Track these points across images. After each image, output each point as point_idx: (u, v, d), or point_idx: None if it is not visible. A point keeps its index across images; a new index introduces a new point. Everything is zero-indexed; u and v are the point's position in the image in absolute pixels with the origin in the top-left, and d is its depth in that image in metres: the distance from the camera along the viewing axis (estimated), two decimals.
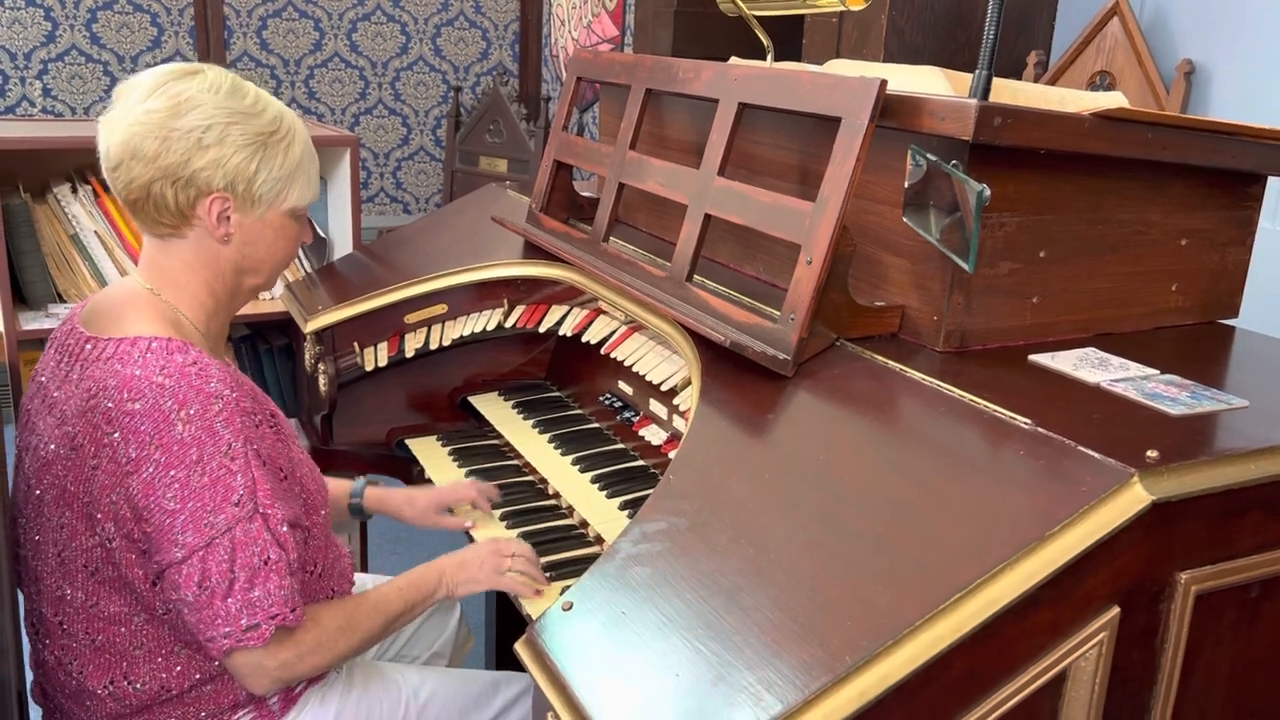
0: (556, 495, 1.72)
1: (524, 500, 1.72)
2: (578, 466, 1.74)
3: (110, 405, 1.16)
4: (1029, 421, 1.02)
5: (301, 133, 1.31)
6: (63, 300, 2.19)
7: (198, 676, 1.27)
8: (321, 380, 1.98)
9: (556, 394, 2.07)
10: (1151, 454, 0.93)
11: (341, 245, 2.41)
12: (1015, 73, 3.09)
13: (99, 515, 1.19)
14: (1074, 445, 0.97)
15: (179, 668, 1.26)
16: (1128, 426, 1.02)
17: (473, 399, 2.07)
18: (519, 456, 1.87)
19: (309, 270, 2.35)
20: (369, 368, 1.98)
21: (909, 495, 0.99)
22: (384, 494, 1.66)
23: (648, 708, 0.86)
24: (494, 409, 2.02)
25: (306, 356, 2.03)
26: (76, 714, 1.30)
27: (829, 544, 0.97)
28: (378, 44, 5.20)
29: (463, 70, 5.45)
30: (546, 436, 1.86)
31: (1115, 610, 0.93)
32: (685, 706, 0.85)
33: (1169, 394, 1.11)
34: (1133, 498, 0.90)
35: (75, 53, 4.58)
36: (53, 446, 1.23)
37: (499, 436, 1.95)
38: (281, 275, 2.26)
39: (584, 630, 0.98)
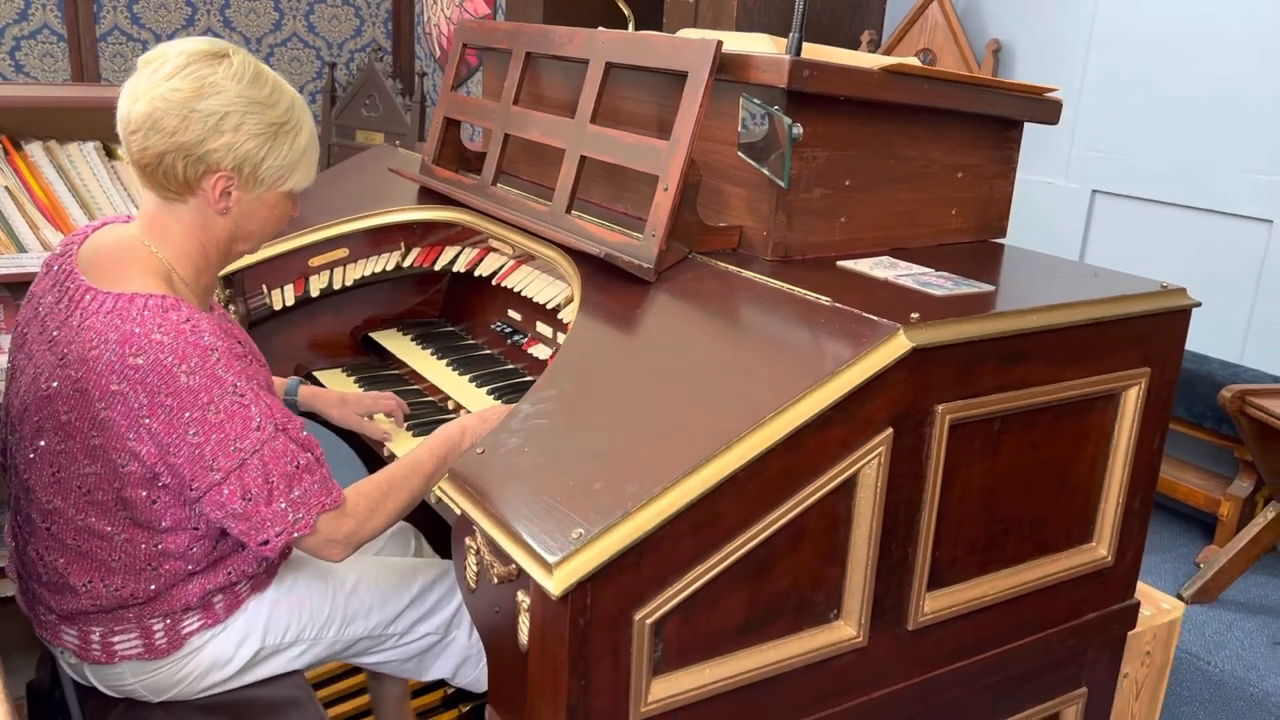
0: (457, 409, 1.97)
1: (429, 415, 1.97)
2: (474, 383, 2.00)
3: (113, 359, 1.32)
4: (829, 300, 1.34)
5: (308, 123, 1.47)
6: None
7: (155, 588, 1.46)
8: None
9: (451, 328, 2.32)
10: (914, 315, 1.26)
11: None
12: (851, 49, 3.47)
13: (114, 447, 1.35)
14: (860, 313, 1.29)
15: (147, 580, 1.45)
16: (902, 302, 1.35)
17: (374, 335, 2.30)
18: (421, 381, 2.11)
19: None
20: (277, 307, 2.19)
21: (740, 354, 1.31)
22: (315, 393, 1.87)
23: (546, 503, 1.15)
24: (394, 342, 2.26)
25: (217, 299, 2.23)
26: (48, 600, 1.49)
27: (681, 392, 1.28)
28: (251, 20, 5.29)
29: (337, 47, 5.57)
30: (444, 362, 2.12)
31: (889, 431, 1.26)
32: (575, 501, 1.13)
33: (938, 283, 1.45)
34: (897, 344, 1.23)
35: None
36: (55, 384, 1.38)
37: (401, 366, 2.19)
38: None
39: (494, 463, 1.25)
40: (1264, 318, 3.13)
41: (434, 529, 1.93)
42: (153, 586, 1.46)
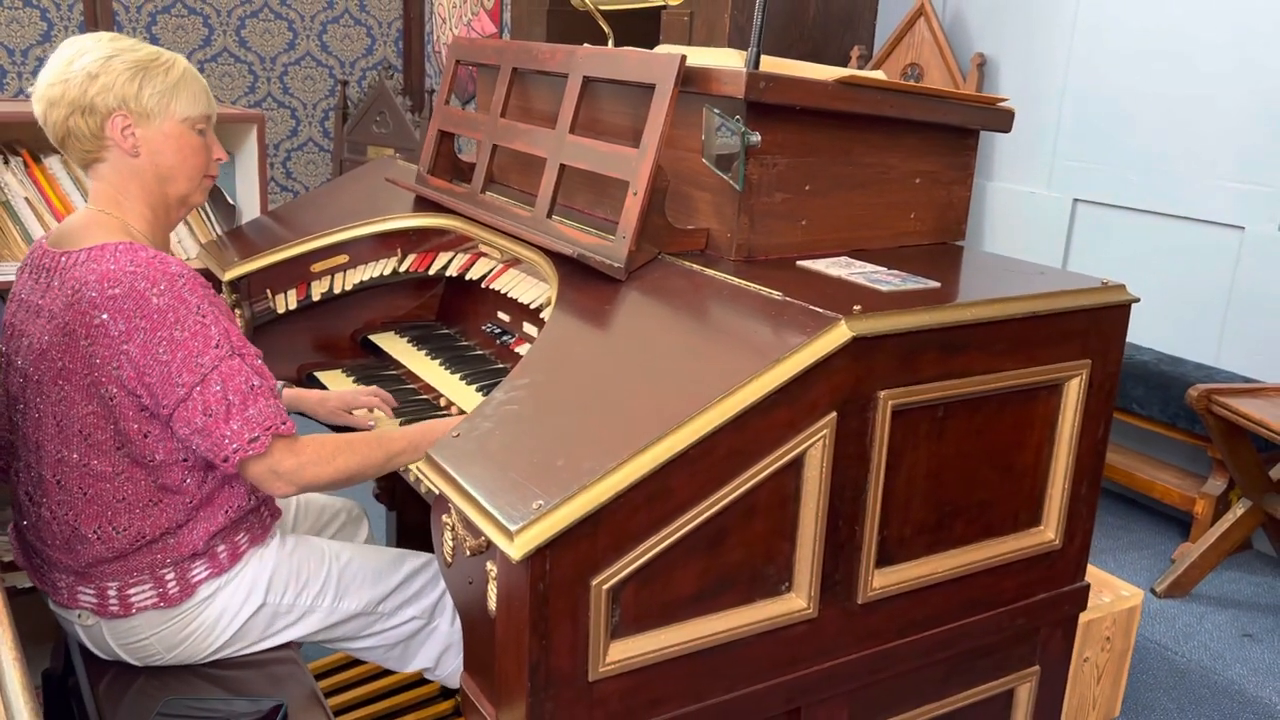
0: (449, 406, 2.08)
1: (421, 410, 2.08)
2: (464, 380, 2.11)
3: (94, 294, 1.49)
4: (781, 294, 1.45)
5: (182, 62, 1.66)
6: None
7: (165, 528, 1.60)
8: (239, 323, 2.31)
9: (446, 330, 2.43)
10: (856, 307, 1.36)
11: (250, 214, 2.72)
12: (841, 64, 3.58)
13: (103, 380, 1.51)
14: (807, 305, 1.39)
15: (152, 519, 1.59)
16: (849, 296, 1.45)
17: (372, 337, 2.42)
18: (416, 380, 2.22)
19: (220, 233, 2.66)
20: (280, 310, 2.31)
21: (698, 343, 1.41)
22: (299, 394, 2.00)
23: (511, 479, 1.25)
24: (391, 344, 2.38)
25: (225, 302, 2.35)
26: (64, 561, 1.61)
27: (643, 379, 1.38)
28: (266, 40, 5.44)
29: (349, 65, 5.72)
30: (438, 361, 2.23)
31: (833, 414, 1.36)
32: (538, 477, 1.24)
33: (886, 280, 1.55)
34: (839, 333, 1.33)
35: None
36: (47, 338, 1.54)
37: (398, 367, 2.30)
38: (197, 233, 2.56)
39: (466, 446, 1.35)
40: (1237, 321, 3.21)
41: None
42: (155, 520, 1.58)
